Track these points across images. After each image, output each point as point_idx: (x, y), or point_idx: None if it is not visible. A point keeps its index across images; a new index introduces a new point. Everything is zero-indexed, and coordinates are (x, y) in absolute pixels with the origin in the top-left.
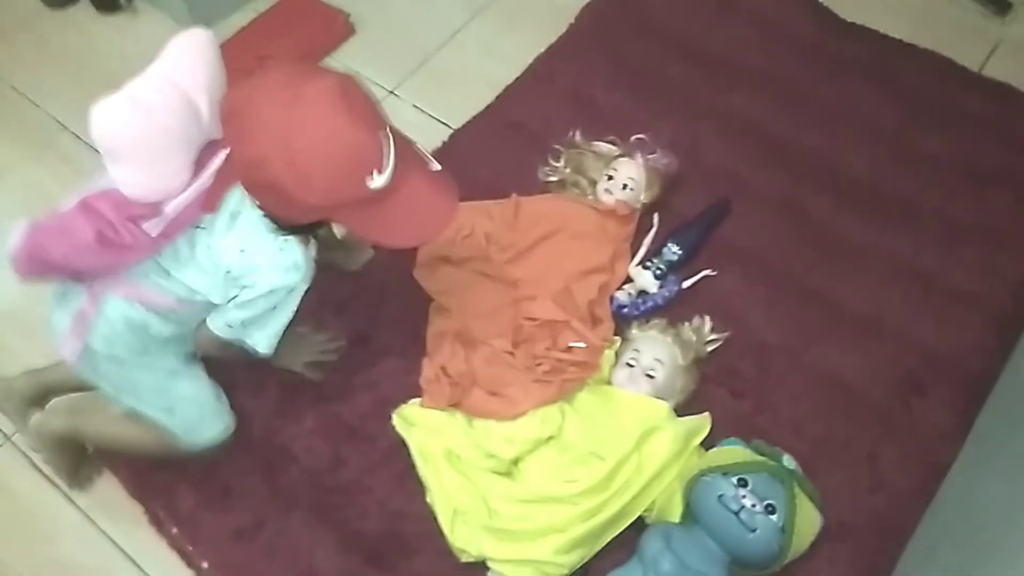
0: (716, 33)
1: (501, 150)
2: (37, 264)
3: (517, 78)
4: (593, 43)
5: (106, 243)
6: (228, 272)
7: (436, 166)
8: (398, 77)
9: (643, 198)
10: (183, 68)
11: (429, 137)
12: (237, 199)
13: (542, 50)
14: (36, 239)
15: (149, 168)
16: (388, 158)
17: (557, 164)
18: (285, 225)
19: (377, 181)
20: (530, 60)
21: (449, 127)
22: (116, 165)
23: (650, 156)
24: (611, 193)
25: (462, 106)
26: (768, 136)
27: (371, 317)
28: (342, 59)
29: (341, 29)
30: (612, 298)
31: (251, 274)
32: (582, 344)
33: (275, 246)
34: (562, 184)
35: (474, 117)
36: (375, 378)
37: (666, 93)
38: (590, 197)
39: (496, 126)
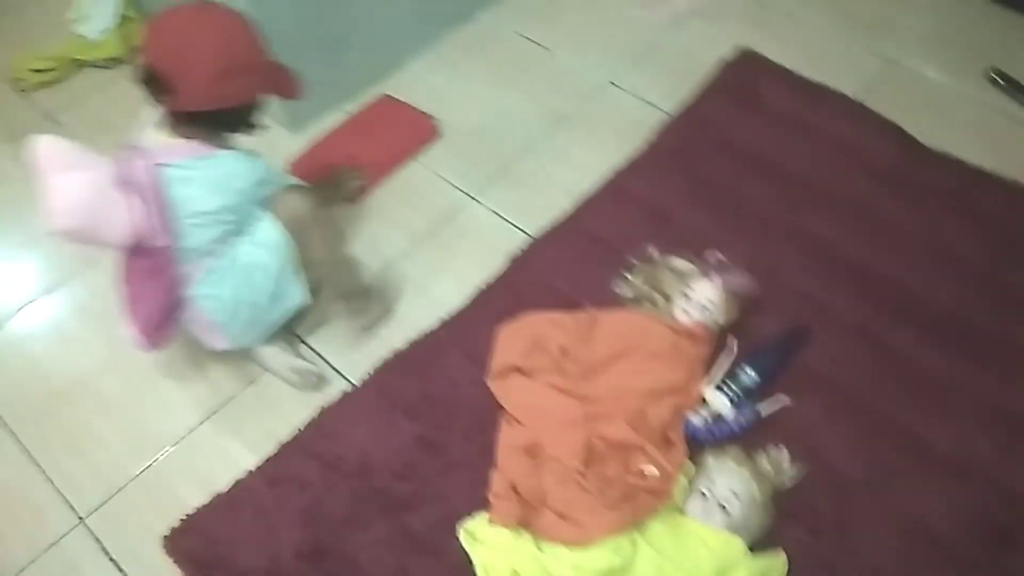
0: (795, 155)
1: (577, 261)
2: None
3: (595, 190)
4: (672, 160)
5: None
6: None
7: None
8: (479, 183)
9: (720, 320)
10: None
11: (506, 243)
12: None
13: (620, 163)
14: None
15: None
16: None
17: (632, 278)
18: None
19: None
20: (607, 172)
21: (526, 234)
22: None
23: (728, 278)
24: (688, 313)
25: (539, 214)
26: (848, 262)
27: (442, 424)
28: (427, 162)
29: (428, 133)
30: (685, 420)
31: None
32: (655, 471)
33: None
34: (637, 299)
35: (551, 226)
36: (444, 489)
37: (744, 213)
38: (665, 314)
39: (573, 236)
